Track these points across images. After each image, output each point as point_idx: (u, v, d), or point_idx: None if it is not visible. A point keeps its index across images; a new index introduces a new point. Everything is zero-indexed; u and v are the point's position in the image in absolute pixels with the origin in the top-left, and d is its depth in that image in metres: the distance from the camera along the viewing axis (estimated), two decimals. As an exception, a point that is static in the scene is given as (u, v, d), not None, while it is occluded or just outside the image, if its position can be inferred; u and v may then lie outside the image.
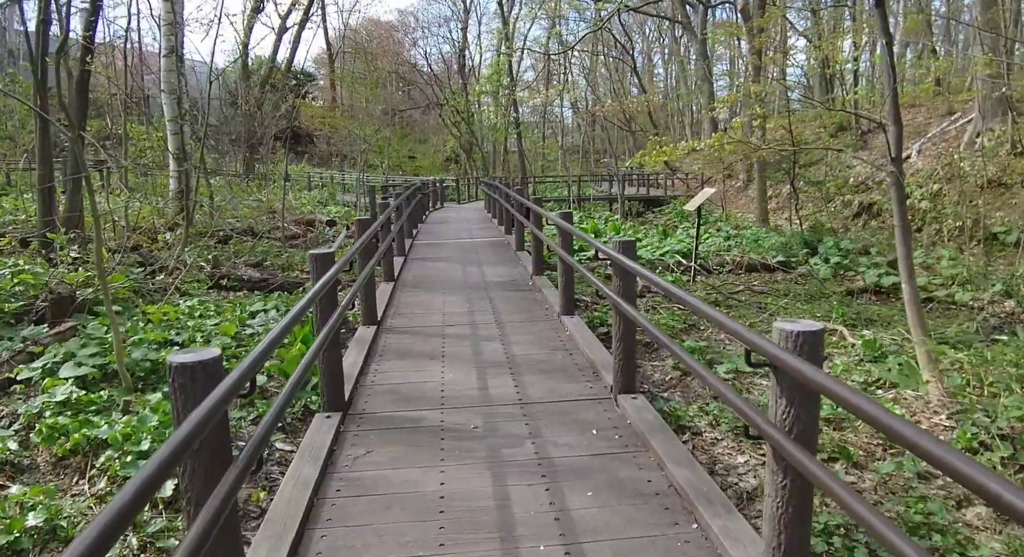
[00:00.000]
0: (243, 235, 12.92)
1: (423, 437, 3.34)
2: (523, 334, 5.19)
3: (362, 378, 4.23)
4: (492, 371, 4.31)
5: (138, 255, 10.04)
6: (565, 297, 5.52)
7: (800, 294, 9.84)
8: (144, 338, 6.21)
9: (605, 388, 3.98)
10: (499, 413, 3.61)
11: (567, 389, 3.97)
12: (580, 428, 3.42)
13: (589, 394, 3.91)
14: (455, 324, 5.57)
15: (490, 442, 3.26)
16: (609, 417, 3.57)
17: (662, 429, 3.31)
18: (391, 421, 3.55)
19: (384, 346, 4.96)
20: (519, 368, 4.35)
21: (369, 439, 3.34)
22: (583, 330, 5.15)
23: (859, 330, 8.07)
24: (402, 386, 4.07)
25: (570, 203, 24.20)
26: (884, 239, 15.07)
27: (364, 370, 4.37)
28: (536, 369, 4.35)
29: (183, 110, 12.84)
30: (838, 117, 17.29)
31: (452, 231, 13.10)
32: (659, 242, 14.66)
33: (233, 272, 9.84)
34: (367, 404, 3.79)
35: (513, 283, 7.32)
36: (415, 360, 4.59)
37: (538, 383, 4.04)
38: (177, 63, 13.00)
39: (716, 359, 6.40)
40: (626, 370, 3.73)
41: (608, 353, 4.61)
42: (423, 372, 4.32)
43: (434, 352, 4.73)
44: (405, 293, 6.86)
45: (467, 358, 4.59)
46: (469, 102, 36.01)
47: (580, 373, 4.27)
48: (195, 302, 8.18)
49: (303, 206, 20.97)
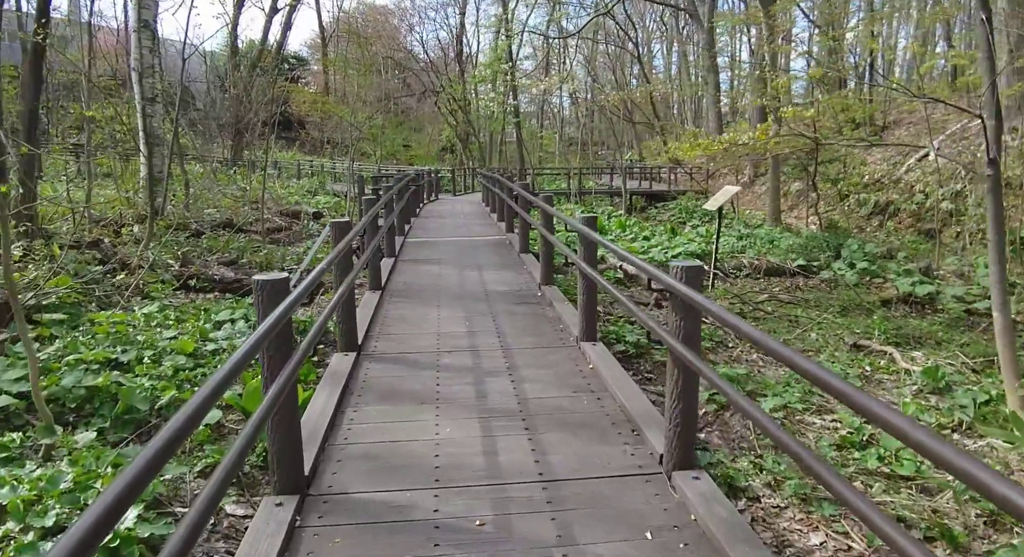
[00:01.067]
0: (221, 228, 11.89)
1: (410, 539, 2.38)
2: (536, 366, 4.23)
3: (333, 434, 3.25)
4: (501, 424, 3.35)
5: (98, 251, 9.00)
6: (586, 320, 4.55)
7: (832, 304, 8.91)
8: (82, 358, 5.22)
9: (651, 456, 3.02)
10: (514, 498, 2.65)
11: (601, 456, 3.01)
12: (627, 527, 2.46)
13: (631, 465, 2.95)
14: (452, 349, 4.60)
15: (504, 552, 2.31)
16: (665, 508, 2.61)
17: (745, 534, 2.36)
18: (367, 510, 2.58)
19: (364, 382, 3.98)
20: (535, 420, 3.39)
21: (334, 545, 2.38)
22: (609, 362, 4.19)
23: (907, 350, 7.15)
24: (384, 448, 3.10)
25: (570, 196, 23.20)
26: (910, 242, 14.17)
27: (336, 421, 3.40)
28: (557, 422, 3.38)
29: (157, 92, 11.75)
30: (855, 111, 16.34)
31: (448, 227, 12.10)
32: (668, 241, 13.72)
33: (204, 271, 8.84)
34: (336, 479, 2.82)
35: (519, 294, 6.34)
36: (402, 405, 3.62)
37: (562, 445, 3.09)
38: (152, 40, 11.90)
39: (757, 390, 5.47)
40: (684, 437, 2.78)
41: (642, 395, 3.66)
42: (412, 425, 3.35)
43: (427, 392, 3.77)
44: (394, 305, 5.87)
45: (468, 402, 3.63)
46: (466, 90, 34.84)
47: (614, 429, 3.31)
48: (154, 308, 7.18)
49: (290, 196, 19.91)
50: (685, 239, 13.93)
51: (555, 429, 3.30)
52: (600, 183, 27.50)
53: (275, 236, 12.66)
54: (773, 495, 3.85)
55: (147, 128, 11.00)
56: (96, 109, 12.21)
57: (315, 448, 3.01)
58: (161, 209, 10.94)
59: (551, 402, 3.64)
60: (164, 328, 6.58)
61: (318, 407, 3.49)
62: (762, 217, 18.89)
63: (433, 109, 41.30)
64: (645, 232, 15.07)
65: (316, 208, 16.97)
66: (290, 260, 10.04)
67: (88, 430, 4.52)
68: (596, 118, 42.95)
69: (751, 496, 3.81)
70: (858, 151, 19.24)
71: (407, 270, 7.63)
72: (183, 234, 10.44)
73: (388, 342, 4.77)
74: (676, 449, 2.78)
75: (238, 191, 15.73)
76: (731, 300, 8.81)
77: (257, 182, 14.17)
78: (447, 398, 3.70)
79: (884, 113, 21.10)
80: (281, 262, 9.90)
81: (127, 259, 8.79)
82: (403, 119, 43.38)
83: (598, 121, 43.91)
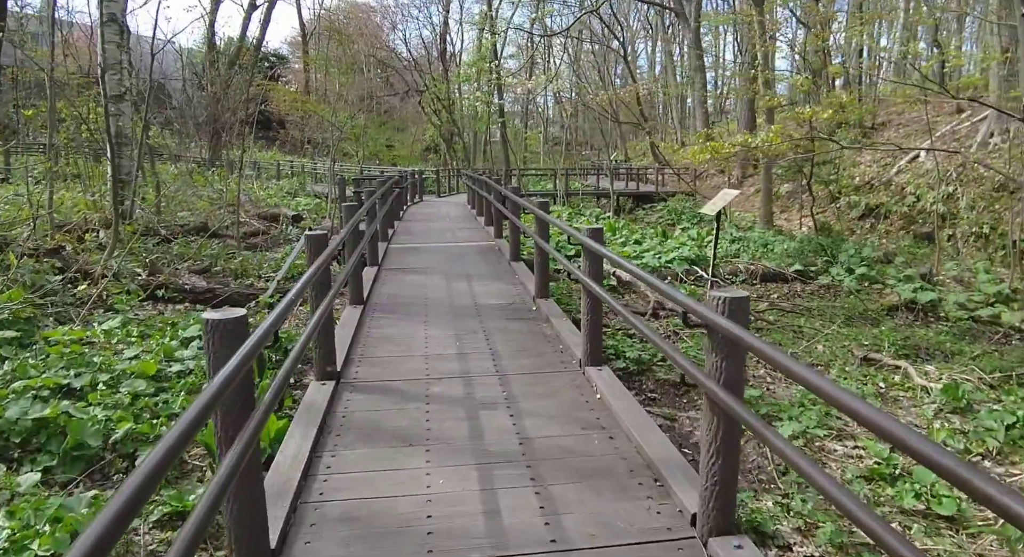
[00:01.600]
0: (195, 233, 11.30)
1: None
2: (537, 395, 3.78)
3: (307, 487, 2.78)
4: (502, 473, 2.89)
5: (59, 259, 8.41)
6: (591, 342, 4.10)
7: (836, 313, 8.55)
8: (30, 384, 4.69)
9: (679, 515, 2.58)
10: (523, 577, 2.20)
11: (622, 515, 2.57)
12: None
13: (658, 528, 2.50)
14: (442, 375, 4.13)
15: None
16: (707, 592, 2.18)
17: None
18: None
19: (345, 418, 3.50)
20: (541, 467, 2.95)
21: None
22: (618, 392, 3.75)
23: (918, 363, 6.80)
24: (367, 507, 2.63)
25: (556, 198, 22.78)
26: (906, 246, 13.91)
27: (311, 470, 2.92)
28: (567, 469, 2.93)
29: (125, 89, 11.14)
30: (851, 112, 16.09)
31: (434, 231, 11.61)
32: (660, 245, 13.34)
33: (174, 280, 8.29)
34: (310, 551, 2.36)
35: (512, 308, 5.88)
36: (387, 447, 3.15)
37: (575, 501, 2.64)
38: (120, 35, 11.28)
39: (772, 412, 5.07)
40: (723, 497, 2.34)
41: (660, 434, 3.23)
42: (399, 474, 2.88)
43: (415, 430, 3.31)
44: (377, 322, 5.39)
45: (462, 443, 3.18)
46: (450, 89, 34.29)
47: (633, 478, 2.87)
48: (116, 322, 6.64)
49: (269, 198, 19.29)
50: (677, 243, 13.56)
51: (565, 478, 2.85)
52: (586, 184, 27.12)
53: (252, 241, 12.10)
54: (806, 542, 3.44)
55: (114, 127, 10.39)
56: (63, 107, 11.59)
57: (285, 508, 2.54)
58: (129, 213, 10.35)
59: (557, 443, 3.19)
60: (127, 345, 6.06)
61: (291, 451, 3.01)
62: (752, 219, 18.60)
63: (416, 108, 40.72)
64: (635, 235, 14.68)
65: (296, 210, 16.39)
66: (267, 267, 9.51)
67: (33, 469, 4.02)
68: (581, 118, 42.60)
69: (781, 544, 3.40)
70: (849, 152, 19.02)
71: (391, 280, 7.14)
72: (152, 240, 9.86)
73: (371, 367, 4.29)
74: (713, 511, 2.34)
75: (214, 193, 15.11)
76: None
77: (234, 183, 13.58)
78: (438, 438, 3.24)
79: (873, 115, 20.94)
80: (258, 269, 9.37)
81: (90, 268, 8.22)
82: (386, 119, 42.73)
83: (582, 121, 43.57)
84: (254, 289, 8.42)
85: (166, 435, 1.44)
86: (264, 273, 9.24)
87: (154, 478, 1.32)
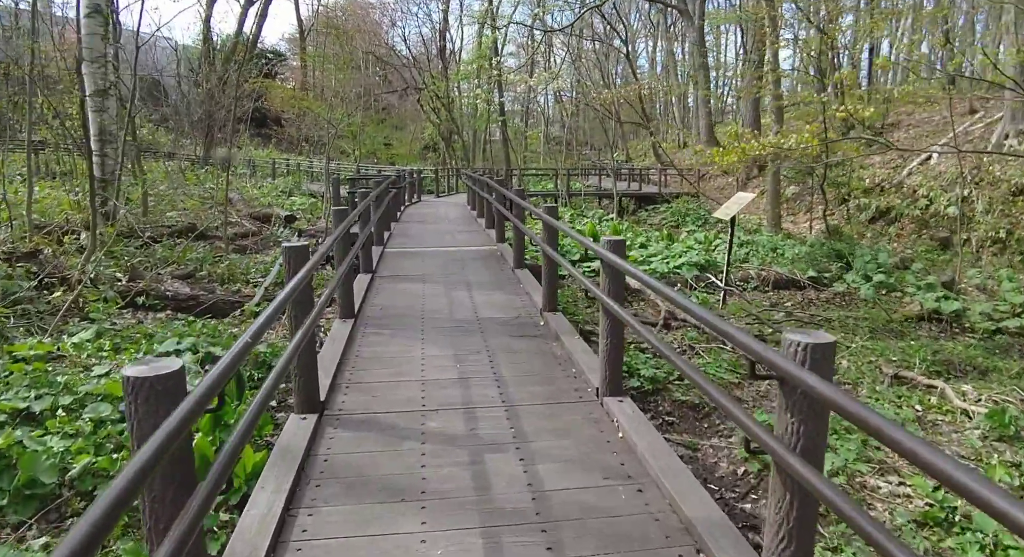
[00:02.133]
0: (182, 234, 10.80)
1: None
2: (550, 434, 3.30)
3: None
4: (512, 541, 2.40)
5: (35, 263, 7.91)
6: (611, 369, 3.61)
7: (859, 324, 8.07)
8: (-20, 408, 4.20)
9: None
10: None
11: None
12: None
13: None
14: (440, 406, 3.64)
15: None
16: None
17: None
18: None
19: (327, 463, 3.01)
20: (560, 531, 2.46)
21: None
22: (643, 428, 3.26)
23: (953, 381, 6.32)
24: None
25: (558, 199, 22.28)
26: (923, 252, 13.44)
27: (281, 536, 2.42)
28: (589, 536, 2.45)
29: (110, 84, 10.62)
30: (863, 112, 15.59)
31: (432, 235, 11.11)
32: (667, 249, 12.86)
33: (155, 286, 7.79)
34: None
35: (518, 322, 5.39)
36: (376, 502, 2.67)
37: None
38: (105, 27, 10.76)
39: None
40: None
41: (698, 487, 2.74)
42: (390, 541, 2.38)
43: (408, 479, 2.82)
44: (368, 339, 4.89)
45: (465, 496, 2.69)
46: (449, 87, 33.75)
47: (669, 547, 2.39)
48: (89, 334, 6.15)
49: (263, 197, 18.78)
50: (684, 247, 13.09)
51: (587, 548, 2.36)
52: (587, 184, 26.61)
53: (242, 242, 11.60)
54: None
55: (97, 123, 9.88)
56: (43, 102, 11.08)
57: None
58: (112, 214, 9.85)
59: (576, 497, 2.70)
60: (98, 360, 5.57)
61: (260, 508, 2.52)
62: (758, 221, 18.12)
63: (415, 106, 40.18)
64: (640, 238, 14.20)
65: (289, 210, 15.88)
66: (255, 272, 9.01)
67: (-13, 505, 3.55)
68: (581, 117, 42.09)
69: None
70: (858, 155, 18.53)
71: (385, 289, 6.65)
72: (135, 242, 9.35)
73: (360, 395, 3.79)
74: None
75: (205, 192, 14.60)
76: (748, 320, 7.94)
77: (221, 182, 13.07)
78: (436, 490, 2.75)
79: (883, 115, 20.47)
80: (245, 274, 8.87)
81: (67, 272, 7.72)
82: (384, 117, 42.14)
83: (583, 120, 43.07)
84: (240, 296, 7.93)
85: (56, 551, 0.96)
86: (252, 278, 8.75)
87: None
